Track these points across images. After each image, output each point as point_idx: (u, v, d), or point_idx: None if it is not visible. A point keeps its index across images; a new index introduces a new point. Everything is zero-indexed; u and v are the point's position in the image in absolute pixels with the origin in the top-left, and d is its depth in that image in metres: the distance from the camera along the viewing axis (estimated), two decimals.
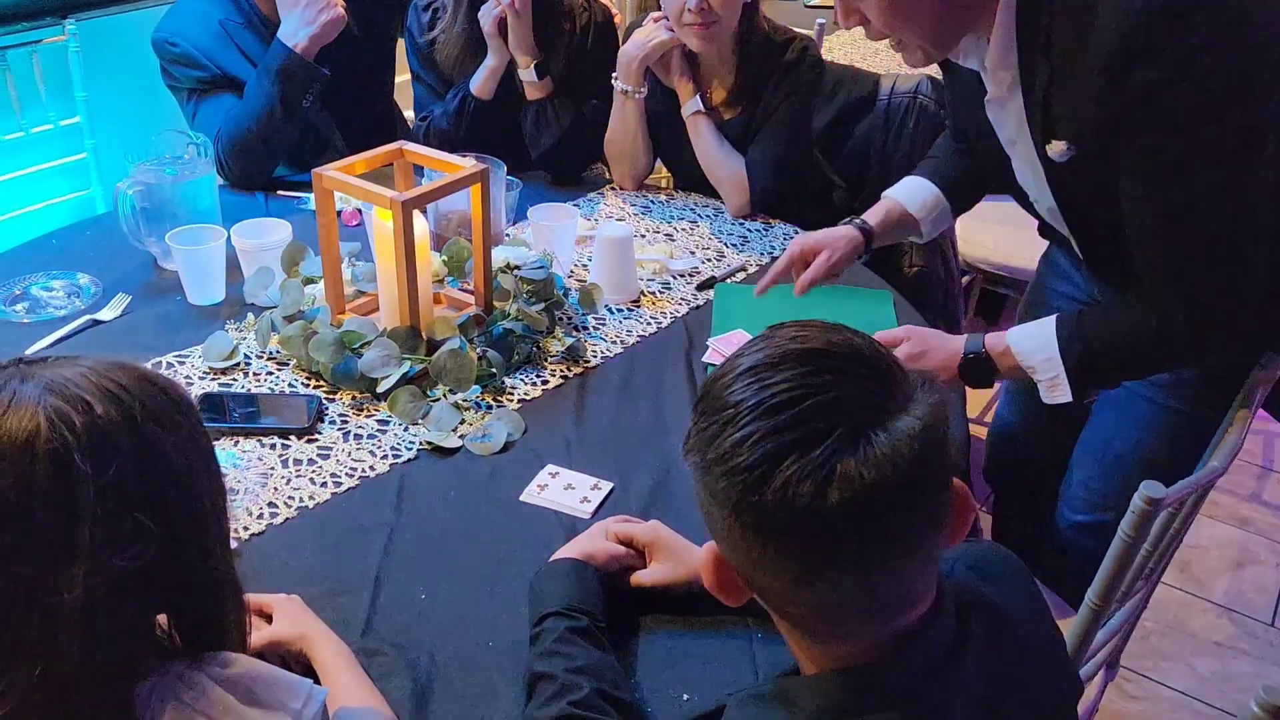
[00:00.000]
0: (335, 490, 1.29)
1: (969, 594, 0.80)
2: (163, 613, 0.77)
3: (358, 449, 1.37)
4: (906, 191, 1.65)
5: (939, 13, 1.22)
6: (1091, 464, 1.57)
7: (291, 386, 1.48)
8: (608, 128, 2.10)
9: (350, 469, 1.33)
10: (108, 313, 1.64)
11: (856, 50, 3.28)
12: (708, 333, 1.66)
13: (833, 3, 1.28)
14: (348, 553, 1.20)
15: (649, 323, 1.70)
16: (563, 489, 1.30)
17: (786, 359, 0.72)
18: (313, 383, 1.49)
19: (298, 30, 1.96)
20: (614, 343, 1.64)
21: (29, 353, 1.53)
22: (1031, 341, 1.32)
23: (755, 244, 1.96)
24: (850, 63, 2.66)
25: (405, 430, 1.40)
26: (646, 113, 2.06)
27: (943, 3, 1.22)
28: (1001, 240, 2.60)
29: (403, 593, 1.14)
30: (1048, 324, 1.32)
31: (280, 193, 2.06)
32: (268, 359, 1.54)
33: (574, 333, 1.64)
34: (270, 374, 1.51)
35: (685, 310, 1.74)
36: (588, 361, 1.58)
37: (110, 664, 0.72)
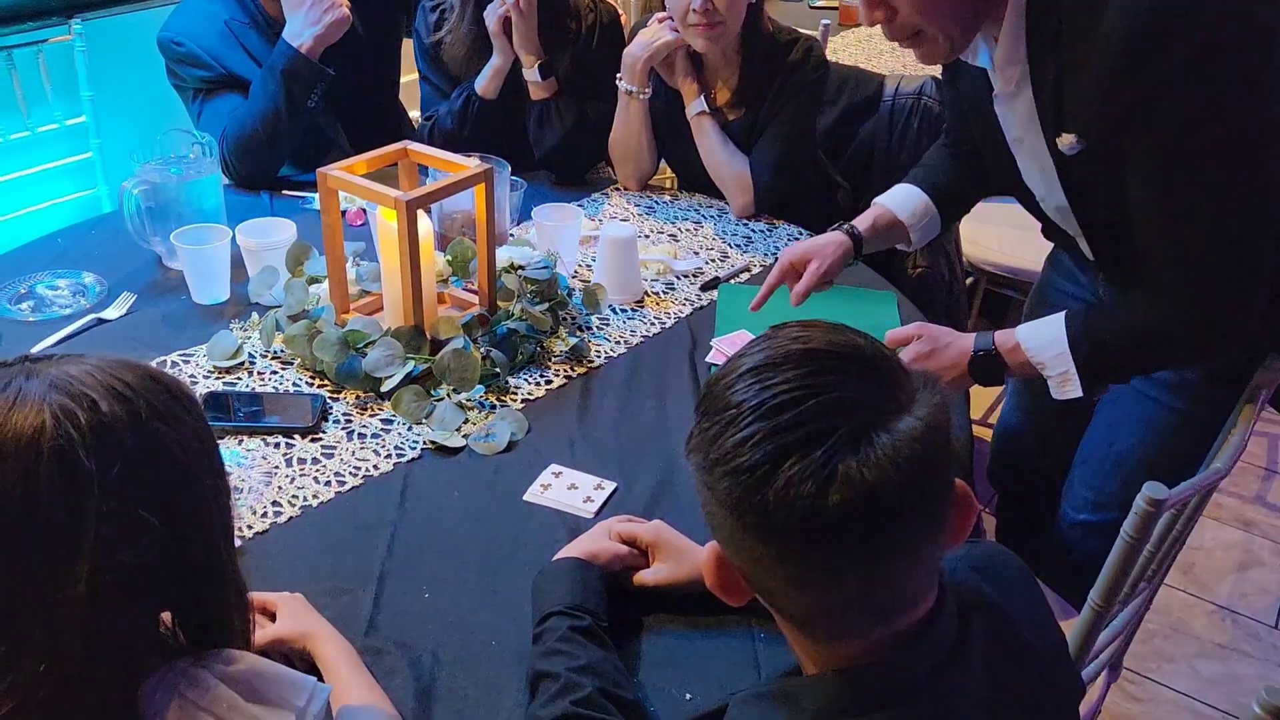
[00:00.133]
0: (339, 489, 1.30)
1: (971, 595, 0.80)
2: (167, 610, 0.78)
3: (361, 448, 1.37)
4: (897, 199, 1.65)
5: (964, 3, 1.22)
6: (1094, 463, 1.57)
7: (296, 386, 1.49)
8: (612, 128, 2.10)
9: (354, 468, 1.33)
10: (113, 311, 1.65)
11: (861, 51, 3.28)
12: (711, 333, 1.66)
13: (836, 3, 1.28)
14: (351, 552, 1.20)
15: (653, 323, 1.70)
16: (566, 489, 1.30)
17: (788, 359, 0.72)
18: (317, 382, 1.50)
19: (303, 30, 1.97)
20: (618, 343, 1.64)
21: (34, 351, 1.53)
22: (1041, 338, 1.33)
23: (759, 244, 1.97)
24: (855, 64, 2.66)
25: (409, 429, 1.40)
26: (651, 113, 2.06)
27: None
28: (1005, 241, 2.60)
29: (406, 592, 1.15)
30: (1056, 320, 1.32)
31: (285, 192, 2.07)
32: (272, 358, 1.54)
33: (578, 333, 1.64)
34: (275, 373, 1.51)
35: (689, 311, 1.74)
36: (591, 362, 1.58)
37: (115, 661, 0.72)
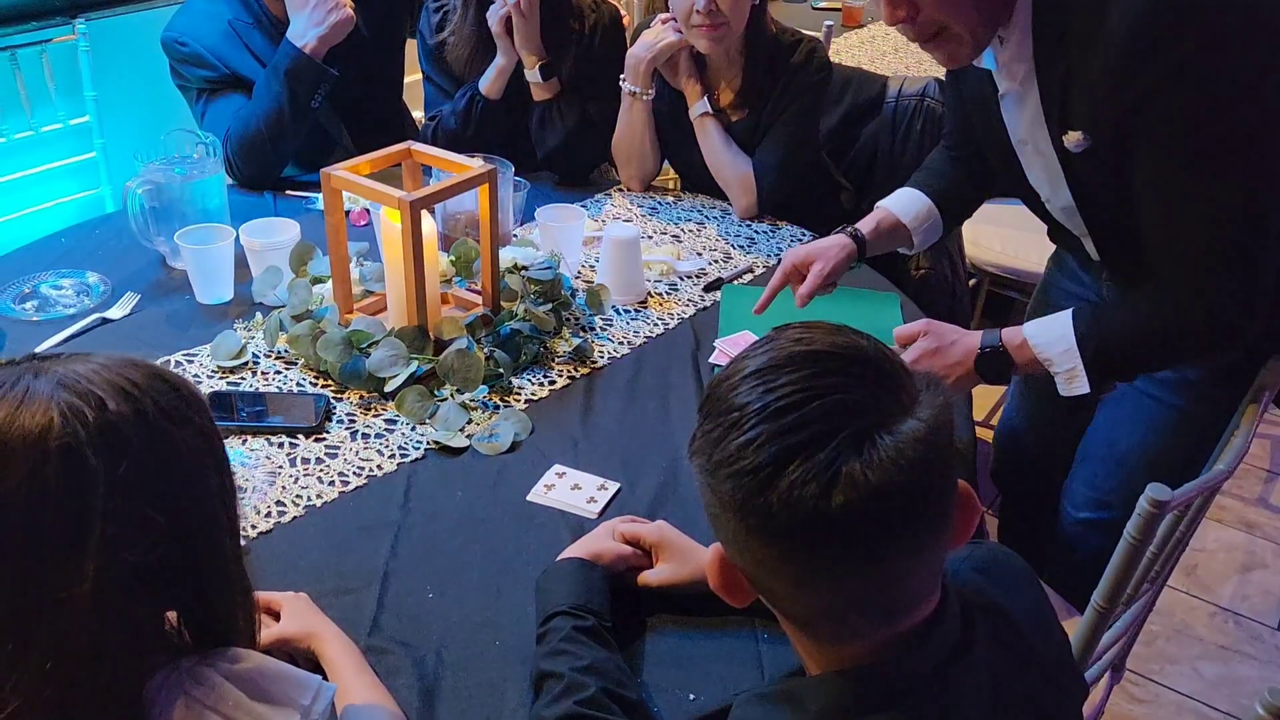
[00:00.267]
0: (343, 489, 1.30)
1: (974, 596, 0.80)
2: (173, 609, 0.78)
3: (365, 448, 1.37)
4: (899, 202, 1.65)
5: None
6: (1095, 461, 1.57)
7: (299, 386, 1.49)
8: (616, 129, 2.10)
9: (358, 468, 1.33)
10: (117, 311, 1.65)
11: (864, 52, 3.28)
12: (714, 334, 1.66)
13: (839, 4, 1.28)
14: (355, 551, 1.20)
15: (656, 324, 1.70)
16: (569, 489, 1.31)
17: (791, 362, 0.72)
18: (320, 382, 1.50)
19: (306, 31, 1.97)
20: (621, 343, 1.64)
21: (38, 350, 1.53)
22: (1049, 334, 1.32)
23: (762, 245, 1.97)
24: (857, 65, 2.67)
25: (412, 430, 1.41)
26: (654, 114, 2.06)
27: None
28: (1008, 243, 2.60)
29: (410, 592, 1.15)
30: (1064, 317, 1.32)
31: (288, 192, 2.07)
32: (275, 358, 1.54)
33: (581, 333, 1.64)
34: (278, 373, 1.51)
35: (692, 311, 1.74)
36: (595, 362, 1.58)
37: (120, 659, 0.72)
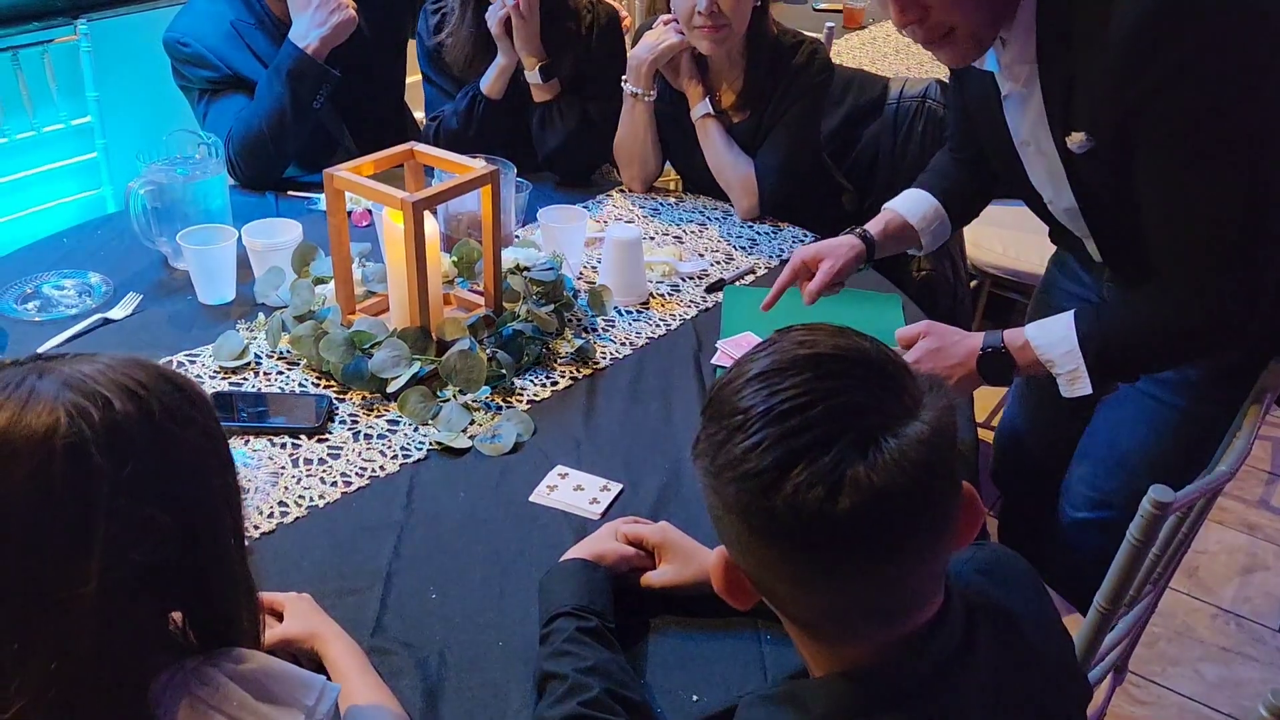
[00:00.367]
0: (345, 490, 1.30)
1: (977, 597, 0.80)
2: (177, 609, 0.78)
3: (368, 449, 1.37)
4: (907, 203, 1.66)
5: None
6: (1094, 461, 1.57)
7: (302, 386, 1.49)
8: (617, 130, 2.10)
9: (360, 469, 1.33)
10: (119, 311, 1.65)
11: (865, 54, 3.29)
12: (717, 335, 1.66)
13: (840, 6, 1.28)
14: (358, 552, 1.20)
15: (658, 325, 1.70)
16: (572, 490, 1.31)
17: (795, 365, 0.72)
18: (323, 383, 1.50)
19: (309, 31, 1.97)
20: (623, 344, 1.64)
21: (40, 351, 1.53)
22: (1050, 335, 1.32)
23: (764, 247, 1.97)
24: (859, 66, 2.67)
25: (415, 430, 1.41)
26: (656, 116, 2.06)
27: None
28: (1009, 244, 2.60)
29: (413, 592, 1.15)
30: (1065, 318, 1.32)
31: (290, 193, 2.07)
32: (278, 358, 1.54)
33: (583, 334, 1.64)
34: (281, 373, 1.51)
35: (694, 313, 1.74)
36: (597, 363, 1.58)
37: (125, 660, 0.72)
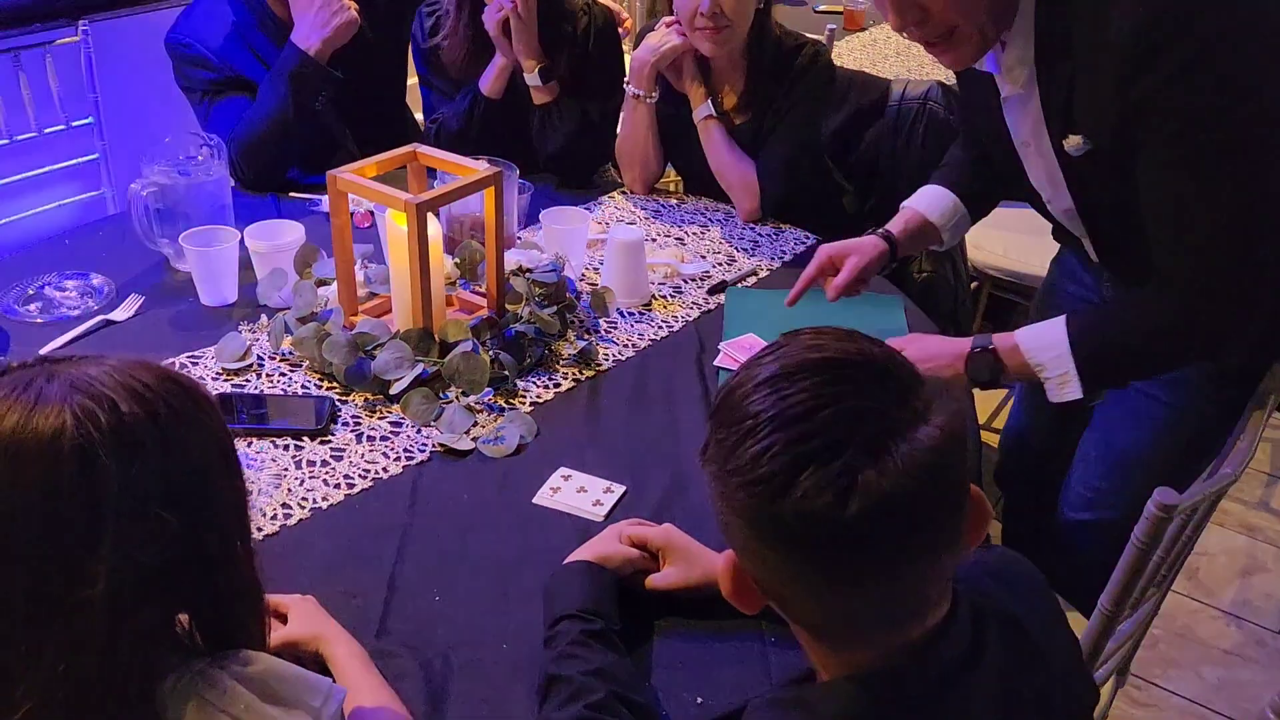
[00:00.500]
0: (349, 492, 1.30)
1: (985, 601, 0.80)
2: (184, 610, 0.78)
3: (371, 450, 1.37)
4: (925, 201, 1.66)
5: None
6: (1092, 462, 1.57)
7: (304, 388, 1.49)
8: (620, 132, 2.10)
9: (363, 471, 1.33)
10: (121, 313, 1.65)
11: (865, 56, 3.29)
12: (719, 337, 1.66)
13: (840, 7, 1.28)
14: (361, 554, 1.20)
15: (660, 326, 1.70)
16: (575, 492, 1.31)
17: (803, 369, 0.72)
18: (325, 384, 1.50)
19: (311, 33, 1.97)
20: (626, 346, 1.64)
21: (42, 353, 1.53)
22: (1041, 339, 1.32)
23: (766, 248, 1.97)
24: (859, 68, 2.67)
25: (418, 432, 1.41)
26: (658, 117, 2.06)
27: None
28: (1010, 246, 2.60)
29: (417, 594, 1.15)
30: (1057, 322, 1.32)
31: (292, 194, 2.07)
32: (280, 360, 1.54)
33: (586, 336, 1.64)
34: (283, 375, 1.51)
35: (696, 314, 1.74)
36: (599, 365, 1.58)
37: (132, 661, 0.72)
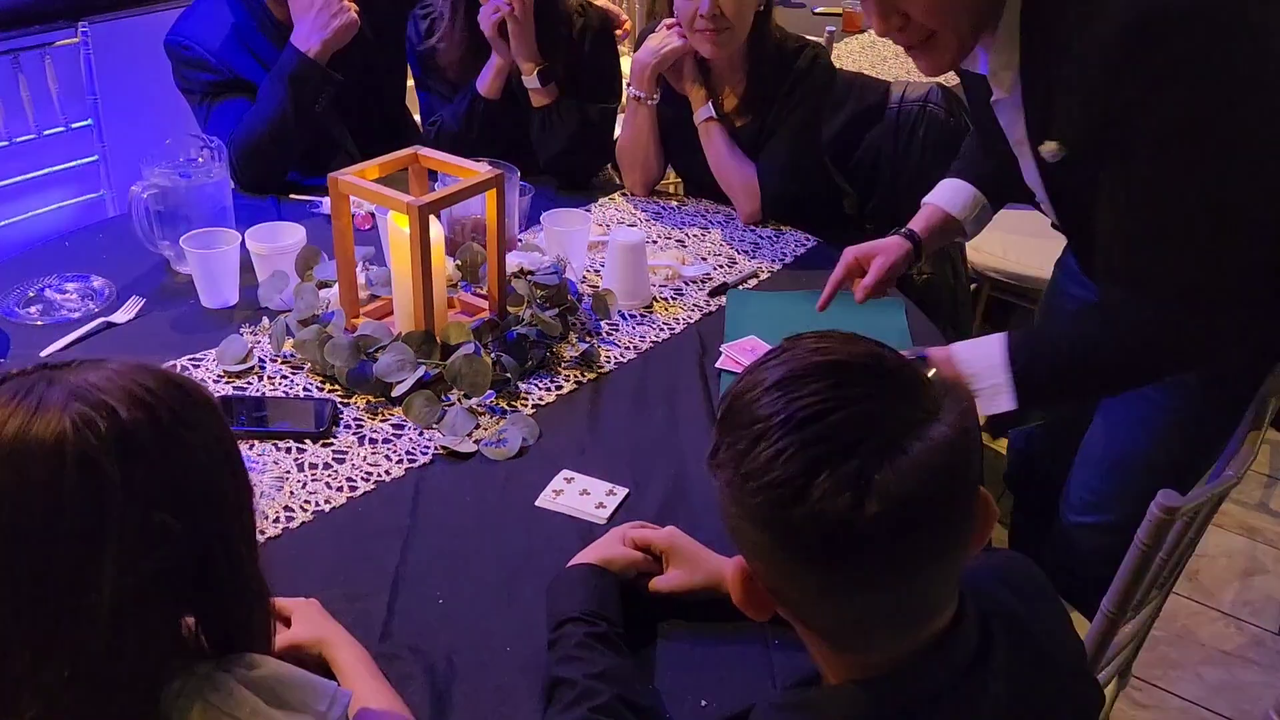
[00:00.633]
0: (351, 494, 1.30)
1: (991, 604, 0.80)
2: (190, 614, 0.78)
3: (373, 453, 1.37)
4: (944, 195, 1.66)
5: (978, 3, 1.22)
6: (1091, 465, 1.57)
7: (306, 390, 1.49)
8: (620, 134, 2.10)
9: (366, 473, 1.33)
10: (122, 315, 1.65)
11: (865, 58, 3.29)
12: (721, 339, 1.66)
13: (839, 9, 1.29)
14: (364, 557, 1.20)
15: (662, 328, 1.70)
16: (578, 494, 1.30)
17: (812, 372, 0.72)
18: (327, 387, 1.50)
19: (310, 35, 1.97)
20: (627, 348, 1.64)
21: (43, 355, 1.53)
22: (975, 350, 1.33)
23: (766, 250, 1.97)
24: (859, 70, 2.67)
25: (420, 435, 1.40)
26: (658, 119, 2.06)
27: None
28: (1010, 248, 2.60)
29: (420, 597, 1.14)
30: (997, 336, 1.33)
31: (292, 196, 2.06)
32: (282, 362, 1.54)
33: (587, 338, 1.64)
34: (285, 377, 1.51)
35: (698, 317, 1.74)
36: (601, 367, 1.58)
37: (138, 666, 0.72)
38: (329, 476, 1.32)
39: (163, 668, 0.74)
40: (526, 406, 1.48)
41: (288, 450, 1.36)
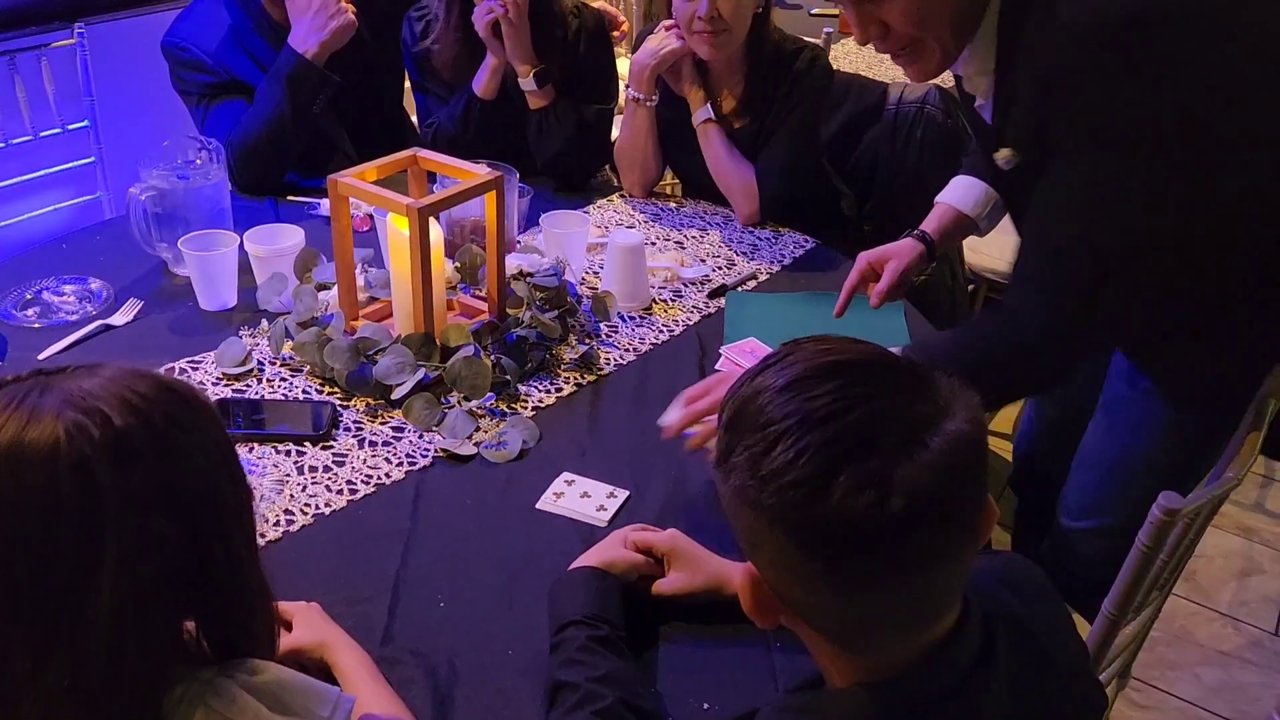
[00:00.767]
0: (351, 498, 1.29)
1: (994, 606, 0.80)
2: (191, 619, 0.77)
3: (373, 456, 1.36)
4: (956, 193, 1.66)
5: (958, 10, 1.23)
6: (1086, 469, 1.57)
7: (305, 393, 1.48)
8: (619, 135, 2.10)
9: (366, 476, 1.33)
10: (120, 318, 1.64)
11: (862, 59, 3.29)
12: (720, 341, 1.66)
13: (836, 11, 1.29)
14: (365, 560, 1.20)
15: (661, 330, 1.70)
16: (579, 497, 1.30)
17: (822, 373, 0.72)
18: (326, 389, 1.49)
19: (308, 36, 1.96)
20: (627, 350, 1.64)
21: (41, 358, 1.53)
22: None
23: (765, 252, 1.97)
24: (856, 71, 2.67)
25: (420, 437, 1.40)
26: (657, 120, 2.06)
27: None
28: (1007, 249, 2.57)
29: (421, 601, 1.14)
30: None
31: (290, 198, 2.06)
32: (281, 365, 1.54)
33: (587, 340, 1.64)
34: (284, 380, 1.51)
35: (697, 318, 1.74)
36: (601, 369, 1.58)
37: (139, 672, 0.72)
38: (329, 479, 1.32)
39: (164, 673, 0.74)
40: (526, 409, 1.48)
41: (287, 453, 1.36)
